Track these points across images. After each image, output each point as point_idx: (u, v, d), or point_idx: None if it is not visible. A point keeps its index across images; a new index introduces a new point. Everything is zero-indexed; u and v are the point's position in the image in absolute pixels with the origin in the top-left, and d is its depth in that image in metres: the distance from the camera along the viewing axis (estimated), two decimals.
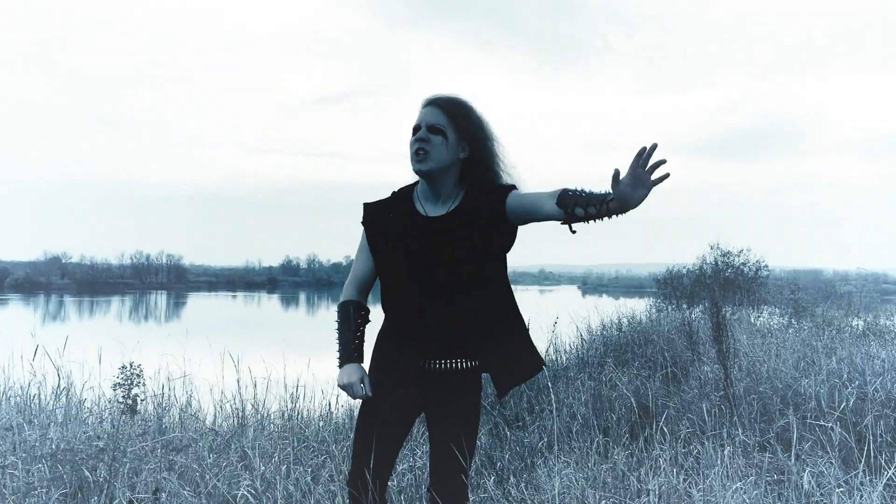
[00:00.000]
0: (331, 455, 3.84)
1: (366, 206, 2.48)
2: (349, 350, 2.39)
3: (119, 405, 2.62)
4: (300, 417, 4.84)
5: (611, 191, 2.01)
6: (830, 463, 3.65)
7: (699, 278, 17.04)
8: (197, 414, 4.69)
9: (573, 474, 3.42)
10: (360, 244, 2.48)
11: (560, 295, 51.10)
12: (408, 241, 2.35)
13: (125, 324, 30.58)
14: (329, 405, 5.08)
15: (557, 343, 7.94)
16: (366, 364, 2.42)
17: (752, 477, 3.27)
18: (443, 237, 2.32)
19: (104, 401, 4.56)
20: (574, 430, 4.82)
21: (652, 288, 19.88)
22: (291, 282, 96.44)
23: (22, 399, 4.42)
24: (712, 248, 17.61)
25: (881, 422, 4.17)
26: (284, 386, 5.14)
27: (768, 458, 3.71)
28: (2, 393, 4.60)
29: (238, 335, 16.38)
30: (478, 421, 2.40)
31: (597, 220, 2.10)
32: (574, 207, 2.09)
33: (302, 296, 65.56)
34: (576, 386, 5.76)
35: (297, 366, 5.53)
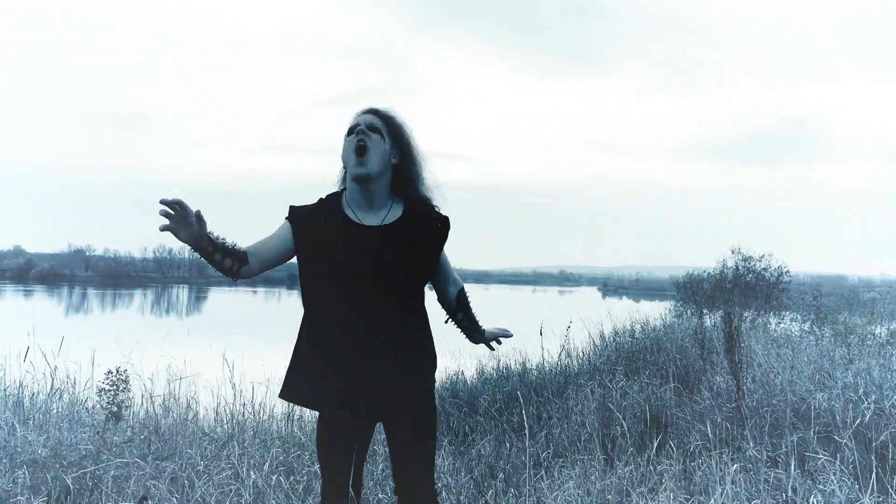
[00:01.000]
0: None
1: (292, 209, 2.37)
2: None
3: (104, 410, 2.56)
4: (301, 421, 4.77)
5: (480, 329, 2.63)
6: (843, 481, 3.53)
7: (719, 283, 16.81)
8: (195, 418, 4.61)
9: (574, 490, 3.32)
10: (276, 231, 2.36)
11: (580, 297, 50.75)
12: (343, 249, 2.26)
13: (147, 317, 30.84)
14: None
15: (570, 348, 7.85)
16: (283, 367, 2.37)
17: (759, 501, 3.15)
18: (383, 247, 2.26)
19: (91, 402, 4.50)
20: (582, 440, 4.72)
21: (673, 291, 19.65)
22: None
23: (16, 397, 4.36)
24: (733, 253, 17.37)
25: None
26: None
27: (774, 475, 3.59)
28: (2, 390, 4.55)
29: (256, 331, 16.39)
30: (436, 424, 2.37)
31: (455, 326, 2.62)
32: (460, 313, 2.58)
33: None
34: (585, 394, 5.66)
35: None
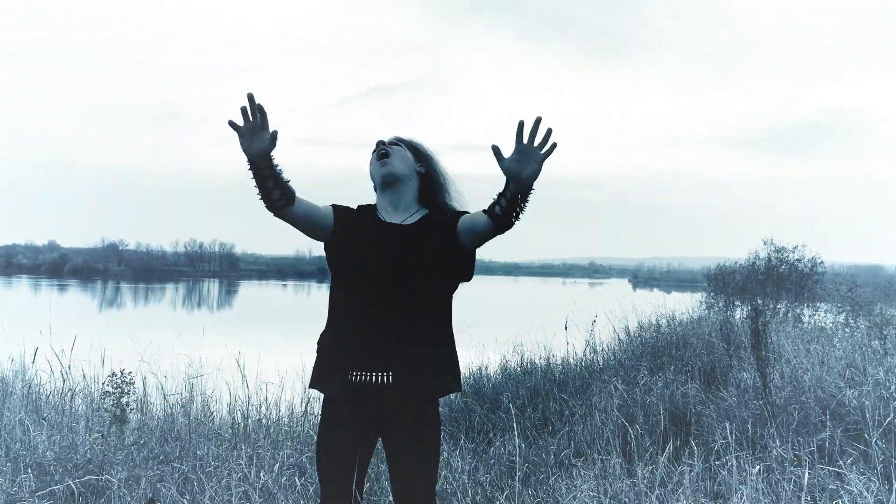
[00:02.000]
0: None
1: (336, 206, 2.43)
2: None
3: (108, 413, 2.53)
4: (315, 418, 4.70)
5: (507, 189, 2.08)
6: (871, 481, 3.42)
7: (751, 274, 16.54)
8: (210, 417, 4.59)
9: (591, 492, 3.24)
10: (323, 205, 2.40)
11: (610, 288, 50.27)
12: (368, 244, 2.33)
13: (178, 311, 31.20)
14: None
15: (594, 343, 7.74)
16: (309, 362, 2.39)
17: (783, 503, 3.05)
18: (402, 243, 2.31)
19: (96, 405, 4.50)
20: (604, 437, 4.64)
21: (704, 283, 19.37)
22: None
23: (29, 396, 4.36)
24: (766, 244, 17.07)
25: None
26: (304, 387, 5.01)
27: (799, 476, 3.48)
28: (16, 386, 4.57)
29: (282, 325, 16.47)
30: (438, 437, 2.33)
31: (517, 213, 2.11)
32: (494, 208, 2.13)
33: None
34: (608, 390, 5.56)
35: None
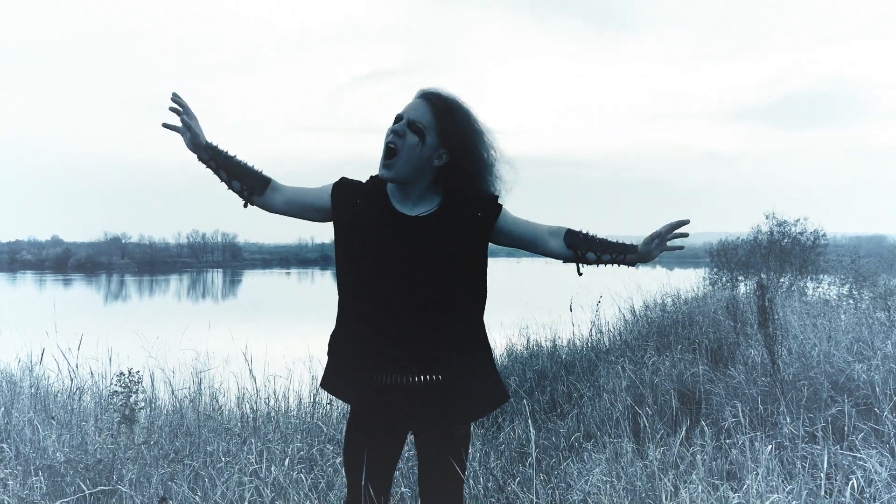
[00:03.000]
0: None
1: (342, 180, 2.25)
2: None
3: (116, 414, 2.51)
4: (327, 406, 4.69)
5: (629, 243, 2.23)
6: (884, 456, 3.41)
7: (753, 249, 16.49)
8: (219, 411, 4.58)
9: (602, 475, 3.23)
10: (319, 187, 2.27)
11: (613, 267, 50.04)
12: (381, 237, 2.15)
13: (183, 302, 31.22)
14: None
15: (600, 324, 7.72)
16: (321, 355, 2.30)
17: (796, 481, 3.03)
18: (423, 239, 2.14)
19: (105, 402, 4.49)
20: (614, 418, 4.63)
21: (707, 259, 19.33)
22: None
23: (38, 397, 4.35)
24: (767, 218, 17.01)
25: None
26: (311, 376, 5.02)
27: (811, 452, 3.47)
28: (24, 386, 4.56)
29: (288, 314, 16.47)
30: (470, 432, 2.26)
31: (604, 266, 2.26)
32: (586, 251, 2.24)
33: None
34: (616, 371, 5.54)
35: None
